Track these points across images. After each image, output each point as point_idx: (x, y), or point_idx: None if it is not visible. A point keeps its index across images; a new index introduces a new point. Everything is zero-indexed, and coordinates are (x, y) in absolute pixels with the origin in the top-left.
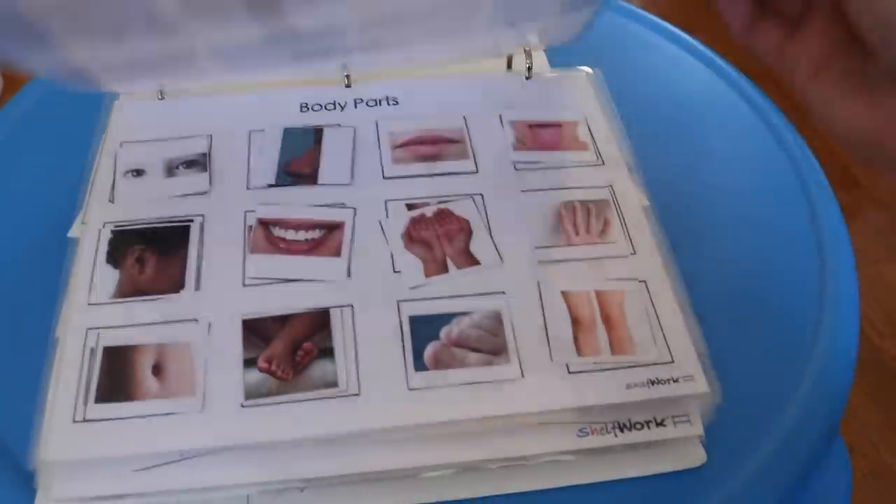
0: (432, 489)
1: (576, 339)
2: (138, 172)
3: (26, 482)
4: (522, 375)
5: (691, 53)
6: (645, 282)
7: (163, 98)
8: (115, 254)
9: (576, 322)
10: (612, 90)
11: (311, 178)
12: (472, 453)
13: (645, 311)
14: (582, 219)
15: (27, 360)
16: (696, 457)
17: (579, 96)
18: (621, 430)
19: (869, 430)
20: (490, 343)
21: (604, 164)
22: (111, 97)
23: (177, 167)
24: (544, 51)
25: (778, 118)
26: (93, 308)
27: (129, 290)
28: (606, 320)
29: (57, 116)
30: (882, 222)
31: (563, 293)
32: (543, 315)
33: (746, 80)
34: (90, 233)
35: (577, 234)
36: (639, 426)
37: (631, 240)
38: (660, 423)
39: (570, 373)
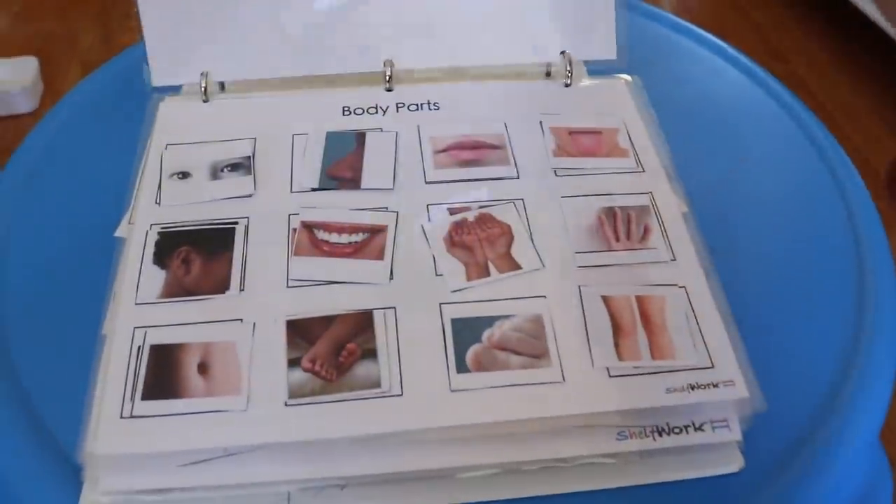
0: (471, 489)
1: (616, 343)
2: (184, 175)
3: (74, 475)
4: (563, 379)
5: (728, 61)
6: (685, 287)
7: (207, 100)
8: (162, 255)
9: (616, 327)
10: (650, 98)
11: (353, 182)
12: (511, 454)
13: (685, 316)
14: (623, 225)
15: (76, 357)
16: (734, 462)
17: (619, 104)
18: (660, 434)
19: None
20: (531, 346)
21: (644, 171)
22: (156, 100)
23: (221, 170)
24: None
25: (816, 126)
26: (140, 307)
27: (175, 290)
28: (647, 325)
29: (101, 119)
30: None
31: (604, 298)
32: (584, 320)
33: (784, 88)
34: (137, 234)
35: (617, 240)
36: (677, 430)
37: (671, 246)
38: (698, 428)
39: (610, 377)
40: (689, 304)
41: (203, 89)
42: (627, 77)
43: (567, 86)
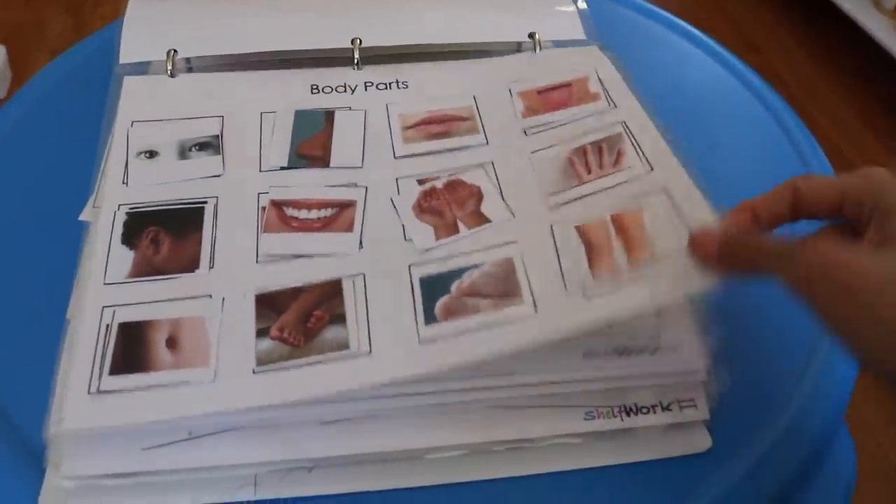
0: (439, 471)
1: (591, 264)
2: (151, 154)
3: (36, 463)
4: (536, 311)
5: (700, 48)
6: (666, 189)
7: (173, 76)
8: (130, 235)
9: (590, 248)
10: None
11: (322, 160)
12: (478, 435)
13: (669, 218)
14: (594, 157)
15: (39, 343)
16: (701, 442)
17: (590, 60)
18: (627, 414)
19: (873, 428)
20: (501, 287)
21: (616, 106)
22: (120, 76)
23: (189, 149)
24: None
25: (786, 112)
26: (108, 287)
27: (144, 270)
28: (625, 238)
29: (67, 103)
30: None
31: (578, 227)
32: (557, 252)
33: (755, 74)
34: (105, 214)
35: (589, 172)
36: (645, 410)
37: (648, 160)
38: (666, 408)
39: (586, 297)
40: (671, 205)
41: (170, 66)
42: (595, 46)
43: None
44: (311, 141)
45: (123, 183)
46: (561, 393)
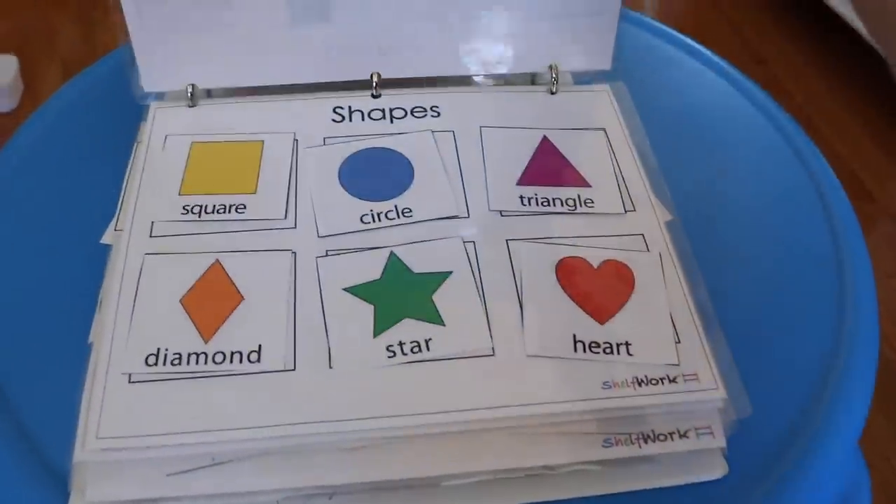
0: (457, 498)
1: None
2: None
3: (61, 488)
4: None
5: (710, 67)
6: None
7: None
8: None
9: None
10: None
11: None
12: (496, 462)
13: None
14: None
15: (62, 367)
16: (718, 468)
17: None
18: (645, 441)
19: (881, 443)
20: None
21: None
22: (142, 106)
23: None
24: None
25: (795, 131)
26: None
27: None
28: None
29: (83, 127)
30: (893, 234)
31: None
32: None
33: (765, 94)
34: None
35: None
36: (662, 437)
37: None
38: (683, 435)
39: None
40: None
41: (190, 95)
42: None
43: (552, 93)
44: None
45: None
46: (580, 420)
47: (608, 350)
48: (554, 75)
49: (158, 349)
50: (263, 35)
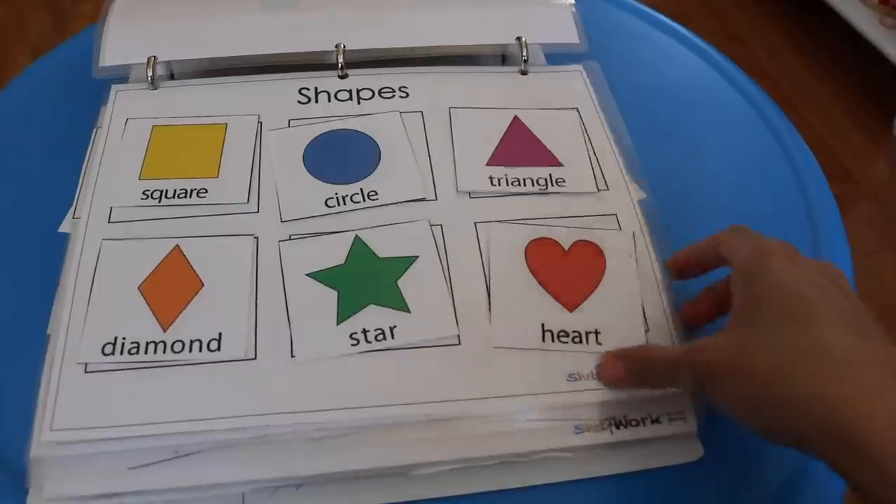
0: (429, 486)
1: None
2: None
3: (18, 484)
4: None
5: (685, 45)
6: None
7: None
8: None
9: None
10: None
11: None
12: (468, 450)
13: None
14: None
15: (19, 360)
16: (692, 451)
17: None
18: (617, 427)
19: None
20: None
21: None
22: (104, 89)
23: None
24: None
25: (772, 109)
26: None
27: None
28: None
29: (47, 110)
30: (873, 215)
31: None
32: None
33: (740, 71)
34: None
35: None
36: (634, 423)
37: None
38: (655, 420)
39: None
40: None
41: (150, 73)
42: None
43: (524, 73)
44: None
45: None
46: (550, 406)
47: (577, 339)
48: (524, 53)
49: (115, 338)
50: (227, 7)
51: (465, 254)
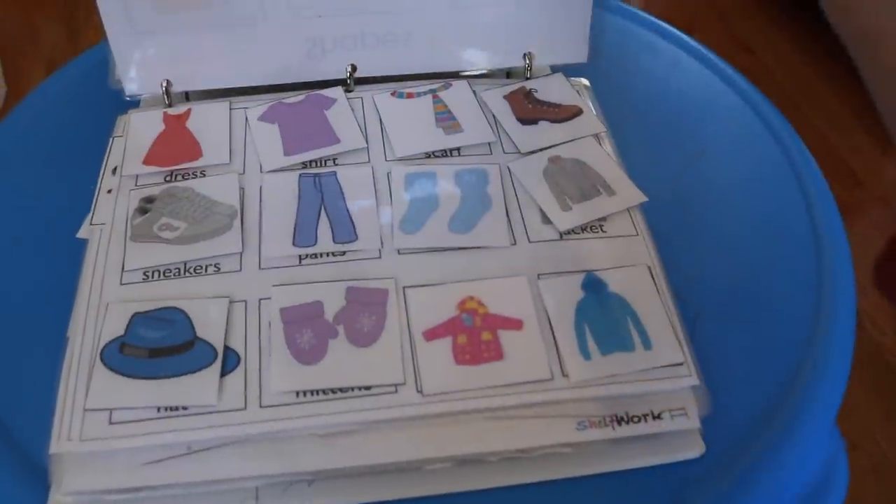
0: (434, 482)
1: None
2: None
3: (42, 480)
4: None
5: (690, 53)
6: None
7: (170, 105)
8: None
9: None
10: (611, 90)
11: None
12: (472, 446)
13: None
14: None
15: (40, 360)
16: (695, 448)
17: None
18: (619, 424)
19: (870, 426)
20: None
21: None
22: (120, 100)
23: None
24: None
25: (776, 117)
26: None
27: None
28: None
29: (64, 121)
30: (882, 219)
31: None
32: None
33: (744, 79)
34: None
35: None
36: (636, 419)
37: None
38: (657, 417)
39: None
40: None
41: (167, 102)
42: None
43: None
44: None
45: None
46: (553, 402)
47: None
48: (528, 62)
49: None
50: (239, 36)
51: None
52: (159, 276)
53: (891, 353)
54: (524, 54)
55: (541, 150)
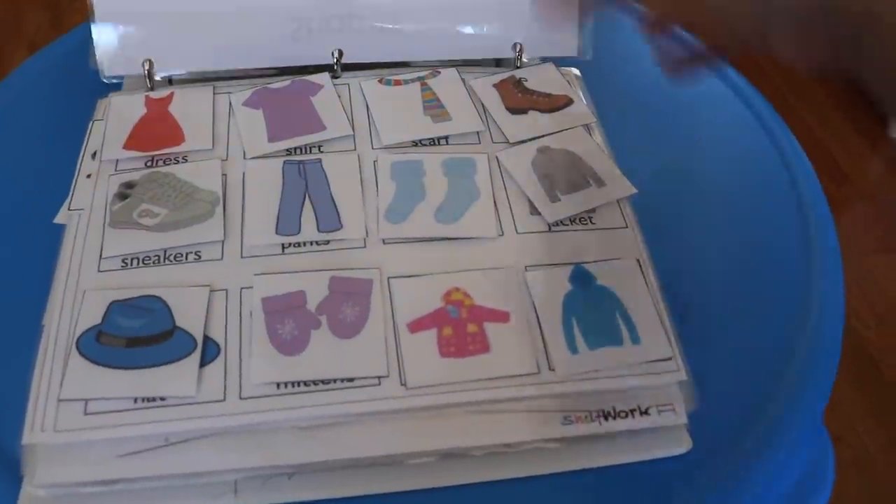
0: (418, 476)
1: None
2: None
3: (14, 472)
4: None
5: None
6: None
7: (152, 89)
8: None
9: None
10: (601, 82)
11: None
12: (456, 440)
13: None
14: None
15: (13, 349)
16: (682, 443)
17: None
18: (605, 419)
19: (853, 420)
20: None
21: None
22: (99, 83)
23: None
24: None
25: (767, 110)
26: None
27: None
28: None
29: (44, 103)
30: (870, 215)
31: None
32: None
33: (736, 72)
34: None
35: None
36: (623, 414)
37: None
38: (644, 412)
39: None
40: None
41: (149, 85)
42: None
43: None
44: None
45: None
46: (539, 397)
47: None
48: (518, 53)
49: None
50: (223, 15)
51: None
52: (138, 263)
53: (874, 347)
54: (514, 44)
55: (530, 139)
